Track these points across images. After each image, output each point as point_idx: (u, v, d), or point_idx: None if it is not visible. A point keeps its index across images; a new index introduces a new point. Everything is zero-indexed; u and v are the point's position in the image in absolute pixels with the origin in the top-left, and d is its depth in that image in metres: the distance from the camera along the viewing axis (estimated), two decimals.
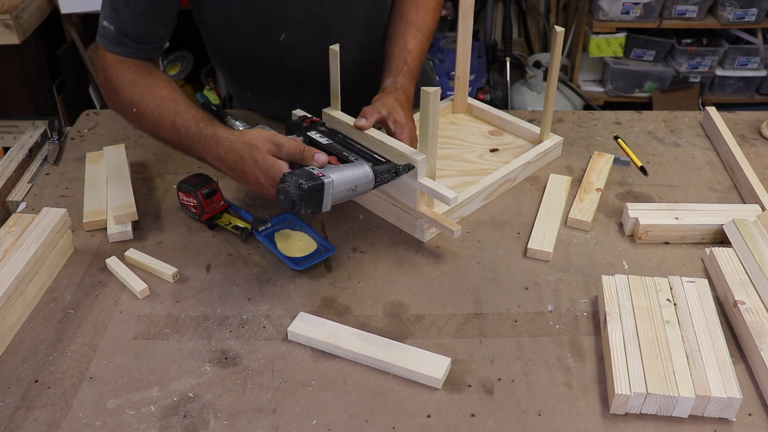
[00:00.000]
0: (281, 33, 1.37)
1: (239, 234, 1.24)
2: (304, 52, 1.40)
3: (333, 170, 1.08)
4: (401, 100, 1.29)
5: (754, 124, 1.60)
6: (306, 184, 1.03)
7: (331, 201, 1.07)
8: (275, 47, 1.39)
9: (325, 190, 1.05)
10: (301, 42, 1.39)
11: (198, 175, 1.29)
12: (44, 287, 1.16)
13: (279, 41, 1.38)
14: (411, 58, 1.36)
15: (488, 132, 1.55)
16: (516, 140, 1.51)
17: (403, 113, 1.25)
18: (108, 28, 1.25)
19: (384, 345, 1.03)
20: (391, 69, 1.35)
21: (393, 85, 1.32)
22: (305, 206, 1.04)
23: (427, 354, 1.02)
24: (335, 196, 1.07)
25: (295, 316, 1.10)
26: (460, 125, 1.57)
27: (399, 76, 1.33)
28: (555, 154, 1.48)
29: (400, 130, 1.23)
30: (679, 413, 0.94)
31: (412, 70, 1.36)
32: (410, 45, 1.37)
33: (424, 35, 1.40)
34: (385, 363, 1.01)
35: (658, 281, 1.10)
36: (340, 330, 1.06)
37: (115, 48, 1.26)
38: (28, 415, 0.96)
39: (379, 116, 1.23)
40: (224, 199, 1.29)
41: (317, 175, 1.05)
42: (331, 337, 1.05)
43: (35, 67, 2.76)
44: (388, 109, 1.25)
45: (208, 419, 0.95)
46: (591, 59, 3.49)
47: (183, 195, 1.28)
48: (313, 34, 1.38)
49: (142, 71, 1.26)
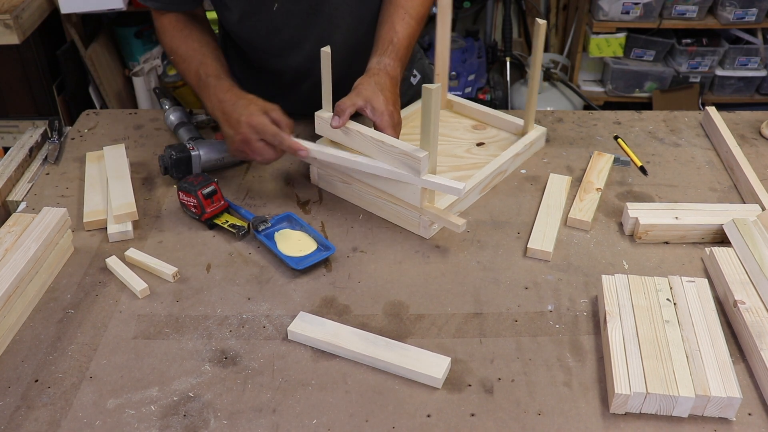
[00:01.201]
0: (275, 2, 1.36)
1: (236, 232, 1.25)
2: (294, 25, 1.40)
3: (204, 145, 1.40)
4: (383, 82, 1.27)
5: (754, 124, 1.60)
6: (176, 155, 1.36)
7: (200, 169, 1.39)
8: (267, 18, 1.39)
9: (192, 161, 1.37)
10: (294, 12, 1.38)
11: (198, 175, 1.30)
12: (44, 287, 1.16)
13: (272, 11, 1.38)
14: (398, 39, 1.35)
15: (471, 126, 1.56)
16: (499, 133, 1.54)
17: (382, 99, 1.24)
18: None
19: (384, 345, 1.04)
20: (377, 49, 1.35)
21: (377, 65, 1.31)
22: (176, 172, 1.37)
23: (427, 354, 1.02)
24: (203, 165, 1.39)
25: (295, 315, 1.10)
26: (443, 121, 1.58)
27: (384, 56, 1.32)
28: (540, 144, 1.51)
29: (379, 117, 1.23)
30: (678, 413, 0.94)
31: (398, 51, 1.34)
32: (398, 27, 1.36)
33: (413, 18, 1.39)
34: (386, 363, 1.01)
35: (658, 281, 1.10)
36: (340, 330, 1.06)
37: (155, 4, 1.42)
38: (28, 414, 0.96)
39: (354, 108, 1.23)
40: (224, 199, 1.30)
41: (189, 149, 1.38)
42: (331, 337, 1.05)
43: (35, 67, 2.76)
44: (364, 97, 1.24)
45: (208, 419, 0.95)
46: (591, 59, 3.49)
47: (183, 195, 1.28)
48: (305, 5, 1.38)
49: (180, 25, 1.41)
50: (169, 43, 1.42)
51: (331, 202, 1.36)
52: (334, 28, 1.30)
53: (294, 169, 1.45)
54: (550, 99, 3.40)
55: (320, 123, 1.30)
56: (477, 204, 1.35)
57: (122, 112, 1.66)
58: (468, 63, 3.45)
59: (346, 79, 1.35)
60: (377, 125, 1.23)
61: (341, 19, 1.42)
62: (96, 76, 2.98)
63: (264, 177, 1.43)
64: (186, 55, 1.38)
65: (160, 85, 3.24)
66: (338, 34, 1.41)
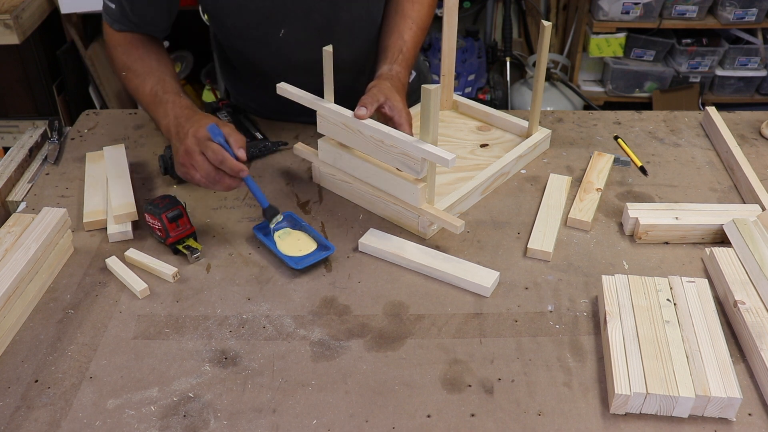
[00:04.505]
0: (281, 28, 1.38)
1: (188, 254, 1.20)
2: (303, 49, 1.41)
3: None
4: (397, 86, 1.31)
5: (754, 124, 1.60)
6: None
7: None
8: (275, 43, 1.40)
9: None
10: (301, 38, 1.40)
11: (165, 196, 1.23)
12: (44, 287, 1.16)
13: (278, 37, 1.39)
14: (406, 48, 1.40)
15: (476, 128, 1.56)
16: (504, 135, 1.53)
17: (399, 98, 1.27)
18: (110, 6, 1.38)
19: (442, 258, 1.19)
20: (386, 57, 1.38)
21: (389, 72, 1.35)
22: (176, 172, 1.29)
23: (478, 267, 1.17)
24: None
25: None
26: (447, 122, 1.58)
27: (395, 64, 1.36)
28: (544, 146, 1.50)
29: (398, 114, 1.25)
30: (679, 413, 0.94)
31: (407, 59, 1.39)
32: (406, 36, 1.41)
33: (419, 27, 1.44)
34: (442, 272, 1.17)
35: (658, 281, 1.10)
36: (404, 244, 1.22)
37: (115, 25, 1.38)
38: (28, 415, 0.96)
39: (377, 104, 1.25)
40: (191, 224, 1.23)
41: None
42: (396, 249, 1.20)
43: (35, 67, 2.76)
44: (384, 95, 1.26)
45: (208, 419, 0.95)
46: (591, 59, 3.49)
47: (149, 217, 1.23)
48: (312, 30, 1.39)
49: (135, 42, 1.39)
50: (122, 59, 1.38)
51: (331, 202, 1.36)
52: (342, 45, 1.31)
53: (294, 168, 1.45)
54: (550, 99, 3.40)
55: (322, 121, 1.30)
56: (477, 204, 1.35)
57: (122, 112, 1.66)
58: (468, 63, 3.45)
59: (351, 91, 1.37)
60: (395, 121, 1.25)
61: (349, 36, 1.44)
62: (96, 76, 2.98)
63: (264, 177, 1.43)
64: (141, 72, 1.35)
65: None
66: (346, 53, 1.43)
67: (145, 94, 1.34)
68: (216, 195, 1.37)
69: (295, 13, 1.36)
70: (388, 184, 1.26)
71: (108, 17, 1.39)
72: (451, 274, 1.16)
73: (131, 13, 1.36)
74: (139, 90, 1.35)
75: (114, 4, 1.36)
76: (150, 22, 1.38)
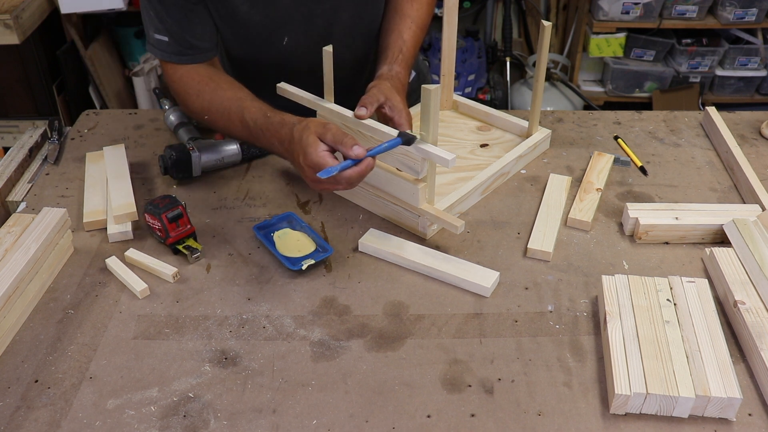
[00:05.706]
0: (284, 36, 1.38)
1: (189, 254, 1.20)
2: (305, 54, 1.41)
3: (204, 145, 1.40)
4: (397, 86, 1.32)
5: (754, 124, 1.60)
6: (176, 155, 1.36)
7: (200, 169, 1.39)
8: (279, 51, 1.41)
9: (193, 161, 1.37)
10: (303, 45, 1.40)
11: (165, 196, 1.23)
12: (44, 287, 1.16)
13: (282, 45, 1.39)
14: (406, 48, 1.40)
15: (476, 128, 1.56)
16: (504, 135, 1.53)
17: (399, 98, 1.27)
18: (162, 41, 1.32)
19: (442, 257, 1.19)
20: (386, 57, 1.38)
21: (389, 72, 1.35)
22: (176, 172, 1.37)
23: (478, 267, 1.17)
24: (203, 165, 1.39)
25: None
26: (447, 122, 1.58)
27: (395, 64, 1.36)
28: (544, 146, 1.50)
29: (398, 114, 1.25)
30: (679, 413, 0.94)
31: (407, 59, 1.39)
32: (405, 35, 1.41)
33: (419, 27, 1.44)
34: (442, 272, 1.16)
35: (658, 281, 1.10)
36: (404, 244, 1.22)
37: (174, 58, 1.34)
38: (28, 415, 0.96)
39: (378, 104, 1.25)
40: (191, 224, 1.23)
41: (188, 149, 1.37)
42: (396, 249, 1.20)
43: (35, 67, 2.76)
44: (385, 95, 1.26)
45: (208, 419, 0.95)
46: (591, 59, 3.49)
47: (149, 217, 1.23)
48: (314, 34, 1.39)
49: (204, 79, 1.34)
50: (197, 103, 1.33)
51: (331, 202, 1.36)
52: (344, 48, 1.32)
53: (294, 168, 1.45)
54: (550, 99, 3.40)
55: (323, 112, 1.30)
56: (477, 204, 1.35)
57: (122, 112, 1.66)
58: (468, 63, 3.45)
59: (351, 91, 1.38)
60: (395, 121, 1.25)
61: (350, 39, 1.45)
62: (96, 76, 2.99)
63: (264, 177, 1.43)
64: (223, 109, 1.30)
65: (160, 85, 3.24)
66: (346, 53, 1.43)
67: (236, 130, 1.30)
68: (216, 195, 1.37)
69: (298, 19, 1.37)
70: (388, 184, 1.26)
71: (163, 53, 1.33)
72: (451, 274, 1.16)
73: (185, 35, 1.31)
74: (229, 129, 1.32)
75: (165, 36, 1.31)
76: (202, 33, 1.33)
